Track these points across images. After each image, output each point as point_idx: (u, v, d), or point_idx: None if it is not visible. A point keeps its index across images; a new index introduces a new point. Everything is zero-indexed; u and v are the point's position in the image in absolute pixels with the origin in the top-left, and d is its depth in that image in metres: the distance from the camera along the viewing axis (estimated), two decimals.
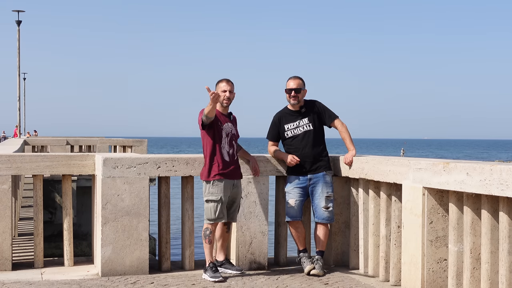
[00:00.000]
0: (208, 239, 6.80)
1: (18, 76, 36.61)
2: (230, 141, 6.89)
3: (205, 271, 6.77)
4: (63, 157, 7.34)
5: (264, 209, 7.37)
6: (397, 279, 6.46)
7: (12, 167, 7.07)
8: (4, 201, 7.02)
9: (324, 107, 7.37)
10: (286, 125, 7.32)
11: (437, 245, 5.90)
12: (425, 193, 5.90)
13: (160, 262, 7.28)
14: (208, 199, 6.79)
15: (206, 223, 6.83)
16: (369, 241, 6.96)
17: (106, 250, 6.84)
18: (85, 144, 25.66)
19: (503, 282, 5.04)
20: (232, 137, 6.91)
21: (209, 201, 6.79)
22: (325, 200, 7.17)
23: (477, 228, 5.42)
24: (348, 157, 7.20)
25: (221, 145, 6.82)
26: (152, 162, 7.01)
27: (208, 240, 6.80)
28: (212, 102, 6.49)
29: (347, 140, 7.28)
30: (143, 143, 24.02)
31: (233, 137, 6.94)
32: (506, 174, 4.87)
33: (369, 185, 6.98)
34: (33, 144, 24.65)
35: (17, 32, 36.59)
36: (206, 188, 6.84)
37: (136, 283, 6.54)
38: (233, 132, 6.95)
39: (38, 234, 7.31)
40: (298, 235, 7.27)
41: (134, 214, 6.92)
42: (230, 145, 6.89)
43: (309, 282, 6.68)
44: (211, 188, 6.79)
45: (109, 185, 6.85)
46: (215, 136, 6.81)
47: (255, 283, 6.62)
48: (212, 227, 6.83)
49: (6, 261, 7.07)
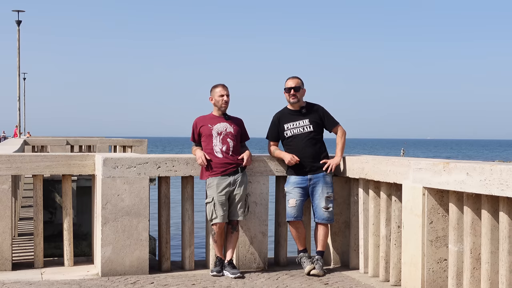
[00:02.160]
0: (214, 239, 7.07)
1: (18, 76, 36.63)
2: (223, 139, 7.03)
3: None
4: (63, 157, 7.34)
5: (264, 209, 7.38)
6: (397, 279, 6.46)
7: (12, 167, 7.07)
8: (4, 201, 7.02)
9: (325, 112, 7.38)
10: (286, 125, 7.32)
11: (437, 245, 5.90)
12: (425, 193, 5.89)
13: (160, 262, 7.28)
14: (206, 201, 7.07)
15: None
16: (369, 241, 6.96)
17: (106, 250, 6.84)
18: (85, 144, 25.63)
19: (503, 282, 5.04)
20: (227, 135, 7.05)
21: (206, 203, 7.06)
22: (325, 201, 7.17)
23: (477, 228, 5.42)
24: (331, 162, 7.20)
25: (212, 145, 7.01)
26: (152, 162, 7.01)
27: (214, 240, 7.08)
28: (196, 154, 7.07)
29: (338, 146, 7.31)
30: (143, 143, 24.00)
31: (229, 135, 7.06)
32: (506, 174, 4.87)
33: (369, 185, 6.98)
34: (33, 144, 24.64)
35: (17, 32, 36.61)
36: (206, 188, 7.06)
37: (136, 283, 6.54)
38: (228, 130, 7.07)
39: (38, 234, 7.31)
40: (298, 235, 7.27)
41: (134, 214, 6.92)
42: (223, 142, 7.01)
43: (309, 282, 6.68)
44: (207, 190, 7.05)
45: (109, 185, 6.86)
46: (206, 137, 7.07)
47: (255, 283, 6.62)
48: (215, 228, 7.00)
49: (6, 261, 7.06)
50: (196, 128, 7.14)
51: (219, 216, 6.94)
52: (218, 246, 7.05)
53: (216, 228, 6.98)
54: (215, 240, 7.03)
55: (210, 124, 7.08)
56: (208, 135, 7.04)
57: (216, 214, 6.94)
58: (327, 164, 7.21)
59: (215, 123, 7.08)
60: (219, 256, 7.05)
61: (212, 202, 6.96)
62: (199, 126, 7.12)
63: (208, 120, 7.13)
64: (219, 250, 7.06)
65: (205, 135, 7.07)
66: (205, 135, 7.06)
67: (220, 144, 7.01)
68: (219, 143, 7.01)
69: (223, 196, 6.94)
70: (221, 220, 6.95)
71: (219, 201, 6.93)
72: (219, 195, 6.94)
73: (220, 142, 7.02)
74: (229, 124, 7.11)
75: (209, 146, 7.03)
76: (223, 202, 6.94)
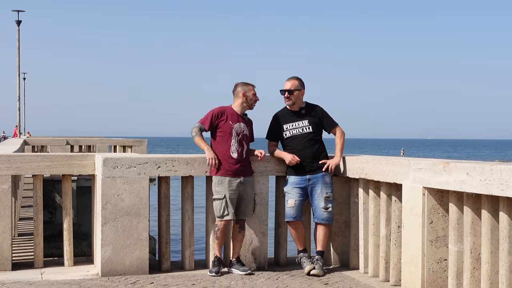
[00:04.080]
0: (216, 236, 7.04)
1: (18, 76, 36.62)
2: (240, 141, 7.04)
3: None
4: (63, 157, 7.34)
5: (264, 209, 7.38)
6: (397, 279, 6.46)
7: (12, 167, 7.07)
8: (4, 201, 7.02)
9: (325, 113, 7.38)
10: (285, 125, 7.32)
11: (437, 245, 5.90)
12: (425, 193, 5.89)
13: (160, 262, 7.28)
14: (215, 197, 7.02)
15: (216, 220, 7.06)
16: (369, 241, 6.96)
17: (106, 250, 6.84)
18: (85, 144, 25.63)
19: (503, 282, 5.04)
20: (243, 137, 7.06)
21: (215, 199, 7.01)
22: (325, 201, 7.17)
23: (477, 228, 5.42)
24: (330, 162, 7.21)
25: (230, 143, 6.99)
26: (152, 162, 7.01)
27: (216, 236, 7.05)
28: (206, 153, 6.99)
29: (338, 147, 7.31)
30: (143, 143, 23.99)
31: (244, 137, 7.07)
32: (506, 174, 4.87)
33: (369, 185, 6.98)
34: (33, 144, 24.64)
35: (17, 32, 36.59)
36: (213, 185, 7.07)
37: (136, 283, 6.54)
38: (245, 132, 7.09)
39: (38, 234, 7.31)
40: (298, 235, 7.27)
41: (134, 214, 6.92)
42: (239, 144, 7.03)
43: (309, 282, 6.68)
44: (217, 186, 7.00)
45: (109, 185, 6.86)
46: (224, 134, 7.01)
47: (255, 283, 6.62)
48: (220, 225, 7.00)
49: (6, 261, 7.07)
50: (218, 118, 7.02)
51: (231, 213, 6.96)
52: (219, 245, 7.04)
53: (222, 225, 6.99)
54: (217, 236, 7.01)
55: (232, 121, 7.04)
56: (228, 133, 7.00)
57: (227, 210, 6.95)
58: (327, 164, 7.21)
59: (235, 122, 7.05)
60: (217, 256, 7.03)
61: (224, 199, 6.94)
62: (221, 118, 7.02)
63: (230, 116, 7.06)
64: (219, 249, 7.05)
65: (224, 131, 7.00)
66: (225, 131, 7.00)
67: (237, 144, 7.02)
68: (236, 144, 7.02)
69: (234, 194, 6.97)
70: (232, 217, 6.98)
71: (230, 198, 6.95)
72: (230, 192, 6.95)
73: (237, 143, 7.02)
74: (246, 125, 7.13)
75: (227, 144, 6.99)
76: (233, 200, 6.97)
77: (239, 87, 7.12)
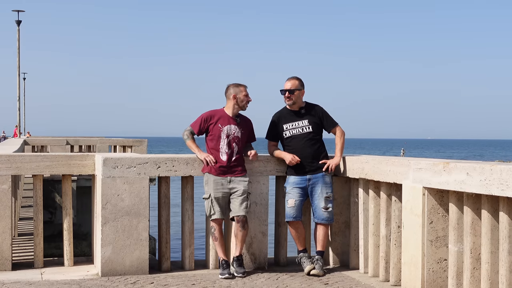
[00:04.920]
0: (214, 237, 7.03)
1: (18, 76, 36.64)
2: (229, 143, 7.04)
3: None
4: (63, 157, 7.34)
5: (264, 209, 7.38)
6: (397, 279, 6.46)
7: (12, 167, 7.07)
8: (4, 201, 7.02)
9: (325, 112, 7.37)
10: (285, 125, 7.32)
11: (437, 245, 5.90)
12: (425, 193, 5.89)
13: (160, 262, 7.28)
14: (203, 197, 7.09)
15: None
16: (369, 241, 6.96)
17: (106, 250, 6.84)
18: (85, 144, 25.63)
19: (503, 282, 5.04)
20: (234, 138, 7.06)
21: (204, 198, 7.09)
22: (325, 201, 7.17)
23: (477, 228, 5.42)
24: (331, 162, 7.22)
25: (219, 146, 7.03)
26: (152, 162, 7.01)
27: (214, 238, 7.03)
28: (198, 156, 7.09)
29: (338, 147, 7.31)
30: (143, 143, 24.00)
31: (236, 139, 7.07)
32: (506, 174, 4.87)
33: (369, 185, 6.98)
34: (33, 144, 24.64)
35: (17, 32, 36.62)
36: (204, 184, 7.10)
37: (136, 283, 6.54)
38: (236, 134, 7.08)
39: (38, 234, 7.31)
40: (298, 235, 7.27)
41: (134, 214, 6.92)
42: (229, 146, 7.04)
43: (309, 282, 6.68)
44: (205, 185, 7.06)
45: (109, 185, 6.86)
46: (213, 137, 7.05)
47: (255, 283, 6.62)
48: (214, 224, 7.00)
49: (6, 261, 7.06)
50: (207, 122, 7.08)
51: (217, 212, 6.98)
52: (221, 246, 6.99)
53: (215, 225, 7.00)
54: (216, 237, 6.99)
55: (221, 124, 7.06)
56: (217, 136, 7.04)
57: (214, 210, 6.99)
58: (327, 164, 7.21)
59: (225, 124, 7.07)
60: (224, 259, 6.96)
61: (209, 198, 7.00)
62: (210, 121, 7.08)
63: (220, 119, 7.09)
64: (223, 251, 7.00)
65: (213, 134, 7.06)
66: (214, 134, 7.06)
67: (226, 146, 7.03)
68: (225, 146, 7.03)
69: (220, 193, 6.97)
70: (219, 216, 6.99)
71: (216, 197, 6.97)
72: (215, 192, 6.97)
73: (226, 145, 7.03)
74: (239, 127, 7.12)
75: (217, 146, 7.05)
76: (220, 199, 6.98)
77: (230, 89, 7.15)
